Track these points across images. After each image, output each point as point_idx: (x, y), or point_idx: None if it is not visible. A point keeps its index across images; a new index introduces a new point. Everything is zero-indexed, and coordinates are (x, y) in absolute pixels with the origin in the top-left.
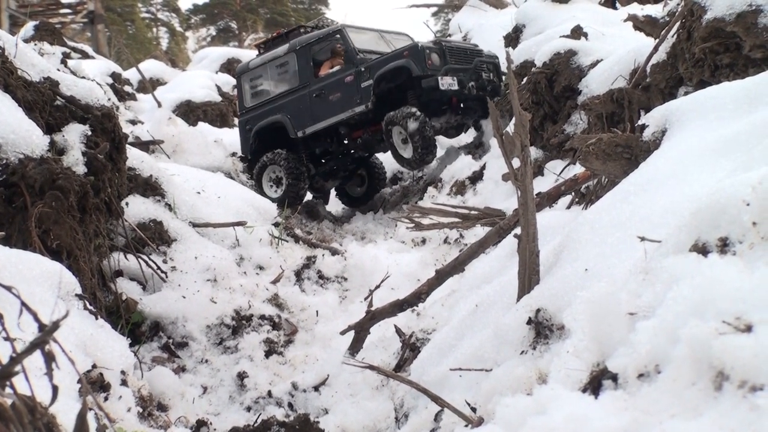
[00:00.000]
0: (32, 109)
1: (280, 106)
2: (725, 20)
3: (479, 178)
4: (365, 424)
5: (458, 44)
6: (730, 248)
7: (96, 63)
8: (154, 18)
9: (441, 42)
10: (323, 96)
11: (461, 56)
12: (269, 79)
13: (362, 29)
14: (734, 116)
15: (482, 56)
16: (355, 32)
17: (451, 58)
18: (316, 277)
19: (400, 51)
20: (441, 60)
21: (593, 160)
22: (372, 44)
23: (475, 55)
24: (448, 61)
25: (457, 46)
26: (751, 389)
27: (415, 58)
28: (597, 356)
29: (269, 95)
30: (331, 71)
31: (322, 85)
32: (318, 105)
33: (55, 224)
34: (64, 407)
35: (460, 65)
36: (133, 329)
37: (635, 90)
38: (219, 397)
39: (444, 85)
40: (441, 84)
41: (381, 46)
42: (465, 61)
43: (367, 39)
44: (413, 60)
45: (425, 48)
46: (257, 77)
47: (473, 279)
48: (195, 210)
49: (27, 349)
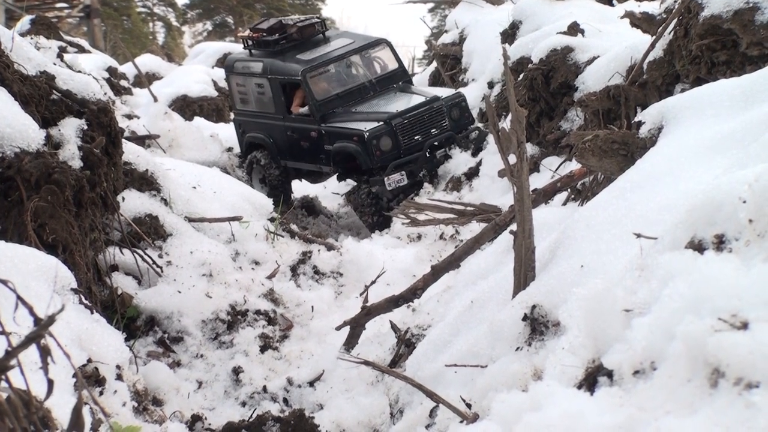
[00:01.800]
0: (28, 103)
1: (263, 126)
2: (722, 17)
3: (475, 174)
4: (360, 420)
5: (413, 114)
6: (726, 245)
7: (92, 57)
8: (151, 12)
9: (391, 122)
10: (296, 139)
11: (417, 127)
12: (250, 93)
13: (331, 59)
14: (730, 113)
15: (441, 110)
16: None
17: (405, 137)
18: (312, 272)
19: (352, 133)
20: (393, 143)
21: (589, 157)
22: (343, 73)
23: (434, 115)
24: (400, 144)
25: (412, 118)
26: (747, 386)
27: (363, 148)
28: (592, 353)
29: (253, 108)
30: (301, 113)
31: (294, 127)
32: (293, 144)
33: (51, 218)
34: (59, 401)
35: (414, 143)
36: (128, 324)
37: (632, 87)
38: (214, 392)
39: (391, 184)
40: (388, 185)
41: (355, 71)
42: (423, 131)
43: (336, 71)
44: (361, 150)
45: (373, 137)
46: (241, 84)
47: (469, 275)
48: (191, 205)
49: (22, 343)
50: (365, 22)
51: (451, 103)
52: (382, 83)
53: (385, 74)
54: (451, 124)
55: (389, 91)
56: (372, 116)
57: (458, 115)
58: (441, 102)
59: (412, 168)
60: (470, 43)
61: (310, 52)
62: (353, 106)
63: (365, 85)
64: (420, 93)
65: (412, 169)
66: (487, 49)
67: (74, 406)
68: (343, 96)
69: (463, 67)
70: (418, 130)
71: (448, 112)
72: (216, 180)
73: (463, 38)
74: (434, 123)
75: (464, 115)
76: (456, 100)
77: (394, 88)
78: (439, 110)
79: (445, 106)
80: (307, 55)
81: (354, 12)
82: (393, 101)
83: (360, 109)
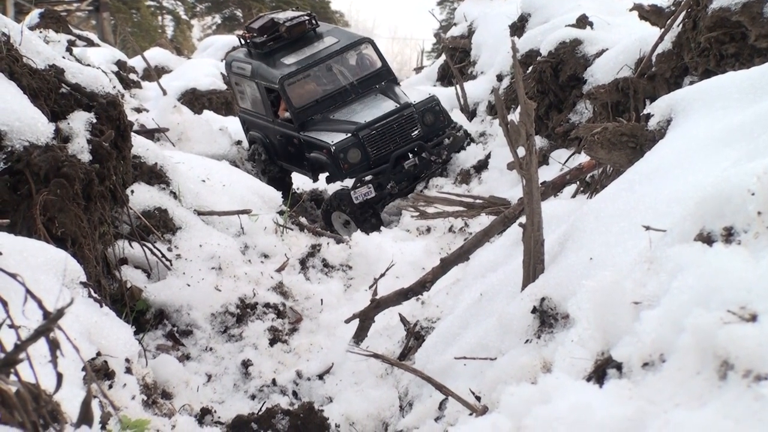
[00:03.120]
0: (37, 96)
1: (260, 126)
2: (731, 10)
3: (484, 167)
4: (369, 413)
5: (381, 123)
6: (735, 237)
7: (101, 51)
8: (159, 6)
9: (358, 133)
10: (284, 143)
11: (386, 137)
12: (246, 93)
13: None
14: (739, 106)
15: (412, 117)
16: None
17: (373, 148)
18: (321, 265)
19: (322, 145)
20: (362, 154)
21: (598, 150)
22: (324, 78)
23: (404, 123)
24: (369, 155)
25: (380, 128)
26: (756, 378)
27: (332, 161)
28: (602, 345)
29: (250, 107)
30: (286, 117)
31: (281, 131)
32: (283, 147)
33: (60, 212)
34: (68, 395)
35: (384, 154)
36: (137, 317)
37: (640, 79)
38: (223, 385)
39: (358, 198)
40: (355, 198)
41: (337, 74)
42: (392, 141)
43: (316, 76)
44: (330, 162)
45: (340, 150)
46: (238, 84)
47: (478, 268)
48: (200, 198)
49: (32, 336)
50: (374, 15)
51: (424, 108)
52: (364, 84)
53: (367, 75)
54: (425, 130)
55: (370, 93)
56: (342, 127)
57: (432, 120)
58: (412, 109)
59: (380, 180)
60: (479, 35)
61: (295, 54)
62: (332, 111)
63: (346, 89)
64: (396, 98)
65: (380, 181)
66: (496, 42)
67: (83, 400)
68: (323, 101)
69: (472, 60)
70: (388, 139)
71: (421, 118)
72: (225, 173)
73: (472, 31)
74: (405, 131)
75: (439, 119)
76: (429, 105)
77: (376, 90)
78: (410, 118)
79: (416, 112)
80: (291, 59)
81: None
82: (368, 108)
83: (336, 116)
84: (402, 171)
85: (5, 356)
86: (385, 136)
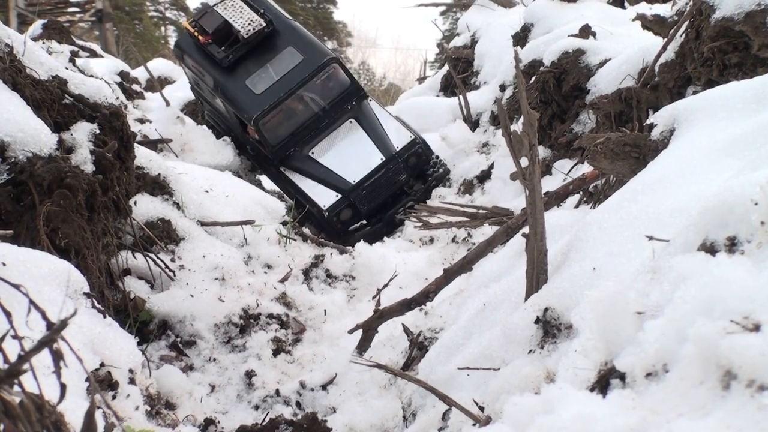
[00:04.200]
0: (40, 107)
1: (226, 125)
2: (734, 19)
3: (487, 177)
4: (373, 423)
5: (371, 182)
6: (738, 247)
7: (104, 61)
8: (162, 17)
9: (350, 195)
10: (259, 159)
11: (376, 191)
12: (205, 92)
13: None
14: (742, 116)
15: (398, 169)
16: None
17: (364, 205)
18: (324, 275)
19: (313, 202)
20: (353, 212)
21: (601, 160)
22: (296, 109)
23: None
24: (361, 212)
25: (369, 187)
26: (759, 388)
27: (325, 222)
28: (605, 355)
29: (210, 103)
30: (257, 139)
31: (257, 149)
32: (259, 161)
33: (64, 223)
34: (72, 405)
35: (374, 206)
36: (141, 328)
37: (644, 89)
38: (227, 396)
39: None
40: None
41: (308, 101)
42: (382, 193)
43: (287, 109)
44: (323, 221)
45: (333, 213)
46: (196, 79)
47: (481, 278)
48: (203, 208)
49: (35, 347)
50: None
51: (407, 154)
52: (336, 107)
53: (338, 97)
54: (409, 172)
55: (344, 120)
56: (331, 182)
57: (415, 162)
58: (397, 160)
59: (371, 231)
60: (482, 46)
61: (260, 73)
62: (310, 145)
63: (319, 115)
64: (374, 133)
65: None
66: (498, 52)
67: (87, 410)
68: (298, 133)
69: (475, 70)
70: (377, 193)
71: (405, 164)
72: (228, 184)
73: (475, 41)
74: (392, 181)
75: (421, 159)
76: (411, 150)
77: (349, 113)
78: (397, 169)
79: (401, 161)
80: (258, 83)
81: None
82: (349, 150)
83: (317, 156)
84: (395, 221)
85: (9, 367)
86: (375, 191)
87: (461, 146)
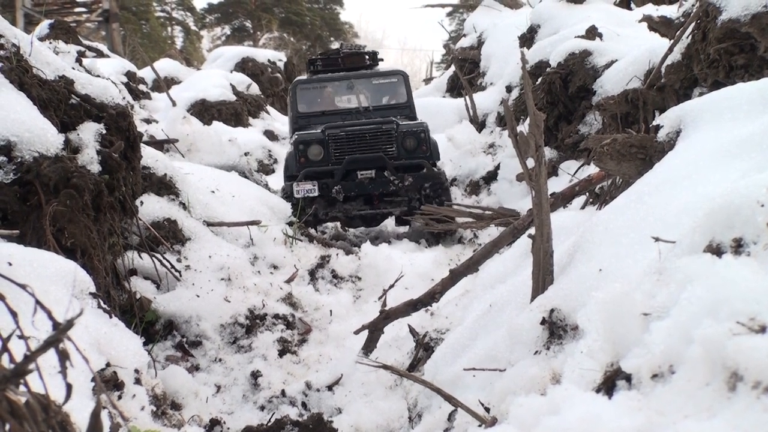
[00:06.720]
0: (47, 107)
1: None
2: (740, 21)
3: (493, 178)
4: (379, 424)
5: (354, 129)
6: (745, 249)
7: (111, 62)
8: (169, 17)
9: (326, 131)
10: None
11: (354, 144)
12: None
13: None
14: (749, 117)
15: (389, 134)
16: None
17: (337, 150)
18: (330, 276)
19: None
20: (324, 154)
21: (608, 161)
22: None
23: (379, 137)
24: (331, 157)
25: (352, 133)
26: (765, 390)
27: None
28: (611, 356)
29: None
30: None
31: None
32: None
33: (70, 223)
34: (77, 405)
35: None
36: (146, 328)
37: (650, 91)
38: (233, 396)
39: (300, 192)
40: (296, 191)
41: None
42: (360, 149)
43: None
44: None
45: (301, 142)
46: None
47: (487, 279)
48: (209, 209)
49: (41, 347)
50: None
51: (407, 130)
52: (379, 113)
53: (387, 105)
54: (401, 153)
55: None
56: (319, 127)
57: (412, 146)
58: (392, 125)
59: (327, 182)
60: (488, 47)
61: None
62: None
63: (358, 110)
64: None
65: (327, 182)
66: (505, 53)
67: (93, 411)
68: (329, 115)
69: (482, 71)
70: (355, 147)
71: (401, 139)
72: (234, 184)
73: (482, 42)
74: (377, 145)
75: (421, 147)
76: (413, 129)
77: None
78: (388, 133)
79: (396, 131)
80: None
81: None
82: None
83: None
84: (354, 180)
85: (15, 367)
86: (353, 142)
87: (467, 147)
